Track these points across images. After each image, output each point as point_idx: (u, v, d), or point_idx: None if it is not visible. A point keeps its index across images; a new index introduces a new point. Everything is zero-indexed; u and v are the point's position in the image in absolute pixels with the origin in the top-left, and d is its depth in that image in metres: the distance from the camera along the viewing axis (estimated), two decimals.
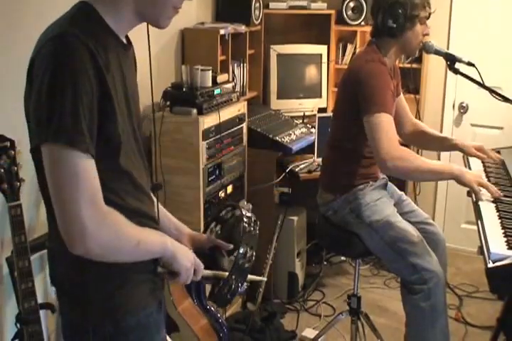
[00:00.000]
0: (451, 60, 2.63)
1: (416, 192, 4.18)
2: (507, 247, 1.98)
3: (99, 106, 1.25)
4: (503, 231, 2.11)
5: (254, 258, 1.56)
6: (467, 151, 2.76)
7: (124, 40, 1.40)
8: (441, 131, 4.29)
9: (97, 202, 1.23)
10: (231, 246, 1.63)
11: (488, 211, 2.29)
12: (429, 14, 2.61)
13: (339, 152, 2.75)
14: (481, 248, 2.05)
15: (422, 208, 4.14)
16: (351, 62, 2.80)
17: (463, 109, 4.26)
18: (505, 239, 2.04)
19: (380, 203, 2.70)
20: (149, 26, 1.43)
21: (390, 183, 2.88)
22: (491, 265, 1.91)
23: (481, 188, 2.40)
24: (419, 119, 4.12)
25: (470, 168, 2.75)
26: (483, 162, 2.82)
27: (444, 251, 2.81)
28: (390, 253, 2.63)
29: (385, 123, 2.48)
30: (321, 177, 2.87)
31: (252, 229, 1.60)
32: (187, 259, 1.43)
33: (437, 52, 2.66)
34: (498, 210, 2.29)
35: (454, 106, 4.29)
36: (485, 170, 2.73)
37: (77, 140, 1.20)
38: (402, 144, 2.58)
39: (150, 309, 1.46)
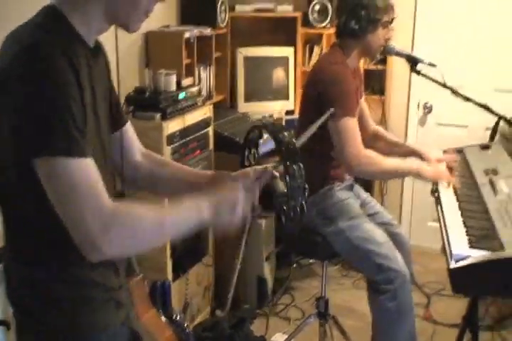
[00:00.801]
0: (412, 62, 2.66)
1: (383, 191, 4.22)
2: (469, 246, 1.98)
3: None
4: (465, 229, 2.12)
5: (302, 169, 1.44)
6: (426, 159, 2.77)
7: (92, 46, 1.36)
8: (406, 131, 4.35)
9: (101, 206, 1.18)
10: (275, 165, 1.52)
11: (451, 209, 2.31)
12: (392, 19, 2.63)
13: (308, 152, 2.74)
14: (443, 247, 2.07)
15: (388, 207, 4.27)
16: (315, 64, 2.81)
17: (427, 108, 4.31)
18: (468, 237, 2.04)
19: (347, 204, 2.72)
20: (117, 30, 1.42)
21: (356, 185, 2.90)
22: (453, 265, 1.92)
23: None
24: (385, 120, 4.18)
25: None
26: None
27: (408, 252, 2.84)
28: (357, 254, 2.65)
29: (350, 127, 2.51)
30: None
31: (288, 139, 1.47)
32: (233, 206, 1.35)
33: (398, 54, 2.69)
34: (460, 208, 2.31)
35: (418, 107, 4.33)
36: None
37: (69, 147, 1.17)
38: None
39: (113, 329, 1.40)
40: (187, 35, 3.44)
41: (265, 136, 3.66)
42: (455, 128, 4.26)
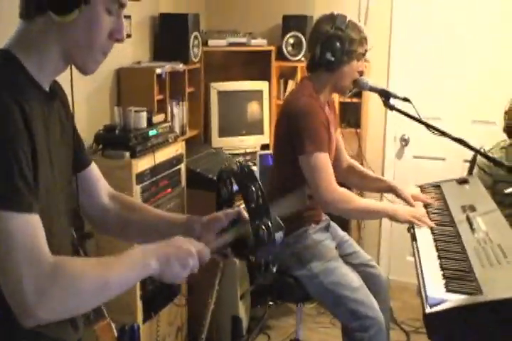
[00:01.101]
0: (386, 96, 2.60)
1: (361, 225, 4.16)
2: (445, 289, 1.90)
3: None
4: (441, 272, 2.05)
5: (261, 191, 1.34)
6: (401, 195, 2.71)
7: (48, 89, 1.29)
8: (383, 165, 4.31)
9: (39, 268, 1.10)
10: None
11: (427, 249, 2.25)
12: (366, 51, 2.59)
13: (279, 192, 2.68)
14: (418, 289, 1.99)
15: (366, 242, 4.21)
16: (285, 100, 2.77)
17: (404, 141, 4.28)
18: (444, 281, 1.97)
19: (322, 247, 2.64)
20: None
21: (332, 223, 2.83)
22: (428, 310, 1.84)
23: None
24: (361, 153, 4.14)
25: None
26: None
27: (386, 294, 2.77)
28: (331, 299, 2.57)
29: (321, 163, 2.45)
30: None
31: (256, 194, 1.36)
32: (183, 261, 1.27)
33: (372, 89, 2.64)
34: (436, 248, 2.25)
35: (395, 139, 4.30)
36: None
37: (12, 201, 1.10)
38: (339, 182, 2.56)
39: None
40: (158, 71, 3.40)
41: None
42: (432, 161, 4.23)
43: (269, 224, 1.31)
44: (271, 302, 3.95)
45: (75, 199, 1.43)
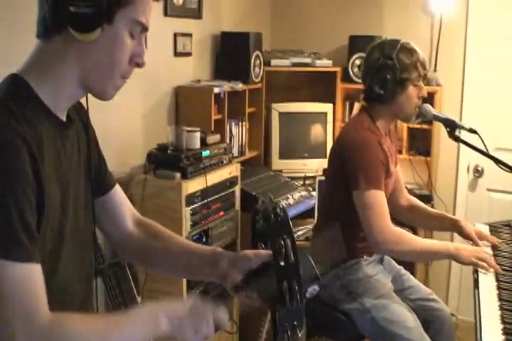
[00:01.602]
0: (451, 127, 2.40)
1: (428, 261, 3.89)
2: None
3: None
4: (502, 326, 1.81)
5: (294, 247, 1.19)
6: (465, 234, 2.49)
7: (64, 117, 1.20)
8: (455, 197, 4.04)
9: (31, 321, 1.02)
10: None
11: (489, 298, 2.01)
12: (425, 75, 2.41)
13: (331, 223, 2.52)
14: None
15: (434, 278, 3.94)
16: (341, 131, 2.62)
17: (478, 172, 4.00)
18: (504, 337, 1.73)
19: (375, 280, 2.46)
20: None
21: (386, 257, 2.63)
22: None
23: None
24: (431, 183, 3.91)
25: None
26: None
27: (450, 329, 2.56)
28: (383, 338, 2.37)
29: (376, 201, 2.29)
30: (312, 248, 2.63)
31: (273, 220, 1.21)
32: (195, 328, 1.15)
33: (436, 118, 2.44)
34: (500, 299, 2.02)
35: (468, 170, 4.03)
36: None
37: (9, 249, 1.02)
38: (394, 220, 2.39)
39: None
40: (216, 90, 3.31)
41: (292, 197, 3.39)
42: (507, 195, 3.92)
43: (297, 288, 1.15)
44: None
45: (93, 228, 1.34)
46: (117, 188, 1.46)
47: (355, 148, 2.35)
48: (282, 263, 1.17)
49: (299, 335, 1.16)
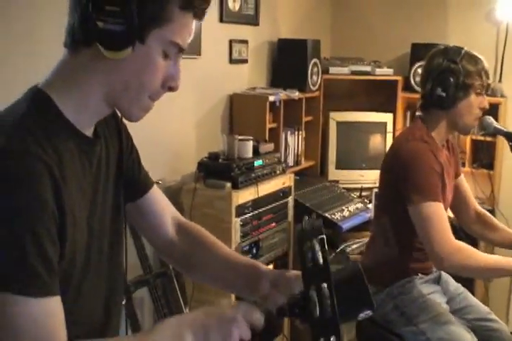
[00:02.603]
0: None
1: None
2: None
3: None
4: None
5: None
6: None
7: (91, 133, 1.14)
8: None
9: None
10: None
11: None
12: (488, 85, 2.28)
13: (384, 239, 2.42)
14: None
15: (494, 293, 3.76)
16: (393, 142, 2.51)
17: None
18: None
19: (430, 300, 2.33)
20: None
21: (444, 275, 2.50)
22: None
23: None
24: (493, 198, 3.73)
25: None
26: None
27: None
28: None
29: (434, 215, 2.16)
30: (363, 264, 2.52)
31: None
32: (223, 333, 1.03)
33: (497, 131, 2.31)
34: None
35: None
36: None
37: (25, 284, 0.95)
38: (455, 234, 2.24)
39: None
40: (272, 98, 3.24)
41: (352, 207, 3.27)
42: None
43: (328, 294, 1.02)
44: None
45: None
46: (155, 190, 1.39)
47: (407, 159, 2.24)
48: (309, 266, 1.05)
49: None
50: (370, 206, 3.46)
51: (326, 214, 3.23)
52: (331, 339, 1.02)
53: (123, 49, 1.03)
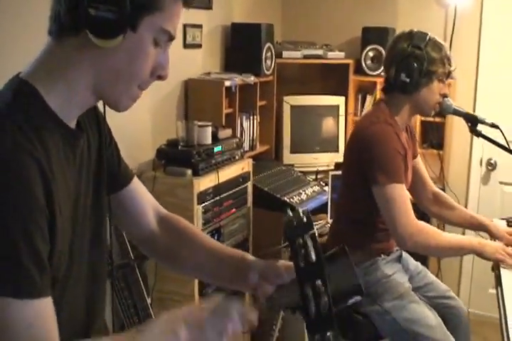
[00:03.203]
0: (472, 121, 2.35)
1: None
2: None
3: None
4: None
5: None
6: (498, 236, 2.47)
7: (74, 125, 1.11)
8: (467, 190, 3.98)
9: None
10: None
11: None
12: (449, 72, 2.33)
13: (347, 222, 2.47)
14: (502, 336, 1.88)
15: (446, 274, 3.88)
16: (356, 124, 2.55)
17: (491, 165, 3.93)
18: None
19: (393, 280, 2.41)
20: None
21: (404, 254, 2.58)
22: None
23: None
24: (443, 176, 3.84)
25: None
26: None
27: (466, 328, 2.52)
28: (404, 338, 2.32)
29: (397, 195, 2.23)
30: (327, 247, 2.57)
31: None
32: (218, 328, 1.04)
33: (456, 113, 2.39)
34: None
35: (481, 163, 3.96)
36: None
37: (18, 286, 0.93)
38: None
39: None
40: (228, 83, 3.23)
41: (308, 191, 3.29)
42: None
43: (323, 290, 1.04)
44: None
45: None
46: (135, 182, 1.37)
47: (372, 143, 2.28)
48: (302, 264, 1.07)
49: None
50: (327, 189, 3.50)
51: (285, 198, 3.26)
52: (328, 334, 1.05)
53: (115, 37, 1.00)
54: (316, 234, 1.09)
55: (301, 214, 1.13)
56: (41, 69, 1.05)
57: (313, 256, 1.05)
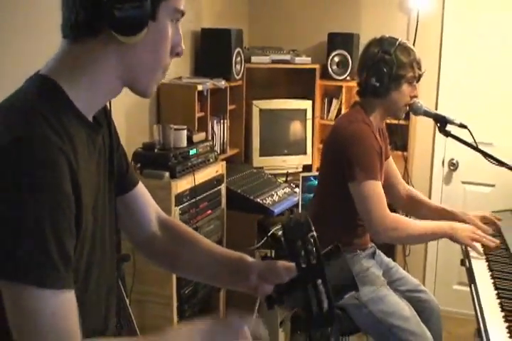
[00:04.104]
0: (441, 122, 2.46)
1: (405, 252, 3.98)
2: (509, 335, 1.74)
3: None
4: (503, 314, 1.89)
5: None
6: (469, 223, 2.53)
7: (92, 120, 1.13)
8: (430, 189, 4.12)
9: None
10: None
11: (486, 289, 2.07)
12: (419, 76, 2.44)
13: (324, 219, 2.55)
14: (478, 332, 1.83)
15: (411, 269, 4.01)
16: (334, 124, 2.63)
17: (453, 165, 4.09)
18: (506, 324, 1.81)
19: (369, 274, 2.50)
20: None
21: (378, 251, 2.68)
22: None
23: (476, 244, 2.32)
24: (408, 176, 3.97)
25: None
26: None
27: (438, 320, 2.61)
28: (381, 330, 2.41)
29: (373, 192, 2.33)
30: None
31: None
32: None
33: (427, 114, 2.49)
34: (496, 288, 2.08)
35: (443, 163, 4.11)
36: None
37: (45, 277, 0.95)
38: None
39: None
40: (200, 87, 3.29)
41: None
42: (482, 187, 4.02)
43: (324, 290, 1.13)
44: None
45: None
46: (140, 187, 1.40)
47: (350, 140, 2.37)
48: (304, 265, 1.15)
49: None
50: (297, 190, 3.59)
51: (258, 200, 3.33)
52: (328, 330, 1.13)
53: (140, 31, 1.03)
54: (315, 236, 1.17)
55: (299, 217, 1.21)
56: (62, 67, 1.07)
57: (315, 257, 1.14)
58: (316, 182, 2.91)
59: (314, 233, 1.18)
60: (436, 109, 3.99)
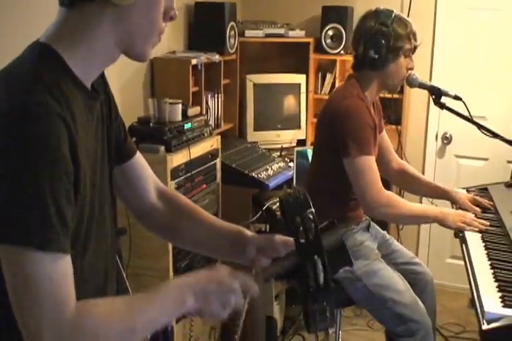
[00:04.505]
0: (436, 94, 2.47)
1: (399, 227, 4.01)
2: (502, 305, 1.78)
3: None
4: (496, 284, 1.93)
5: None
6: (460, 203, 2.59)
7: (90, 87, 1.14)
8: (423, 163, 4.15)
9: (61, 319, 0.98)
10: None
11: (479, 259, 2.11)
12: (415, 47, 2.44)
13: (319, 193, 2.57)
14: (472, 302, 1.87)
15: (405, 243, 4.04)
16: (328, 98, 2.64)
17: (446, 139, 4.11)
18: (500, 294, 1.85)
19: (363, 248, 2.53)
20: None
21: (372, 223, 2.71)
22: (485, 326, 1.72)
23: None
24: (401, 150, 3.98)
25: None
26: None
27: (432, 292, 2.65)
28: (375, 303, 2.45)
29: (367, 167, 2.35)
30: None
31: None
32: (224, 298, 1.12)
33: (422, 86, 2.50)
34: (489, 259, 2.12)
35: (437, 137, 4.13)
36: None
37: (45, 241, 0.97)
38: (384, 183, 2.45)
39: None
40: (194, 61, 3.27)
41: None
42: (475, 161, 4.05)
43: (322, 265, 1.15)
44: None
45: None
46: (138, 157, 1.40)
47: (344, 115, 2.38)
48: (302, 241, 1.17)
49: (329, 317, 1.18)
50: (291, 164, 3.60)
51: (253, 174, 3.34)
52: (324, 304, 1.16)
53: None
54: (314, 212, 1.19)
55: (298, 193, 1.23)
56: (61, 34, 1.08)
57: (313, 233, 1.16)
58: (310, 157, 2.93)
59: (313, 209, 1.20)
60: (430, 81, 3.99)
